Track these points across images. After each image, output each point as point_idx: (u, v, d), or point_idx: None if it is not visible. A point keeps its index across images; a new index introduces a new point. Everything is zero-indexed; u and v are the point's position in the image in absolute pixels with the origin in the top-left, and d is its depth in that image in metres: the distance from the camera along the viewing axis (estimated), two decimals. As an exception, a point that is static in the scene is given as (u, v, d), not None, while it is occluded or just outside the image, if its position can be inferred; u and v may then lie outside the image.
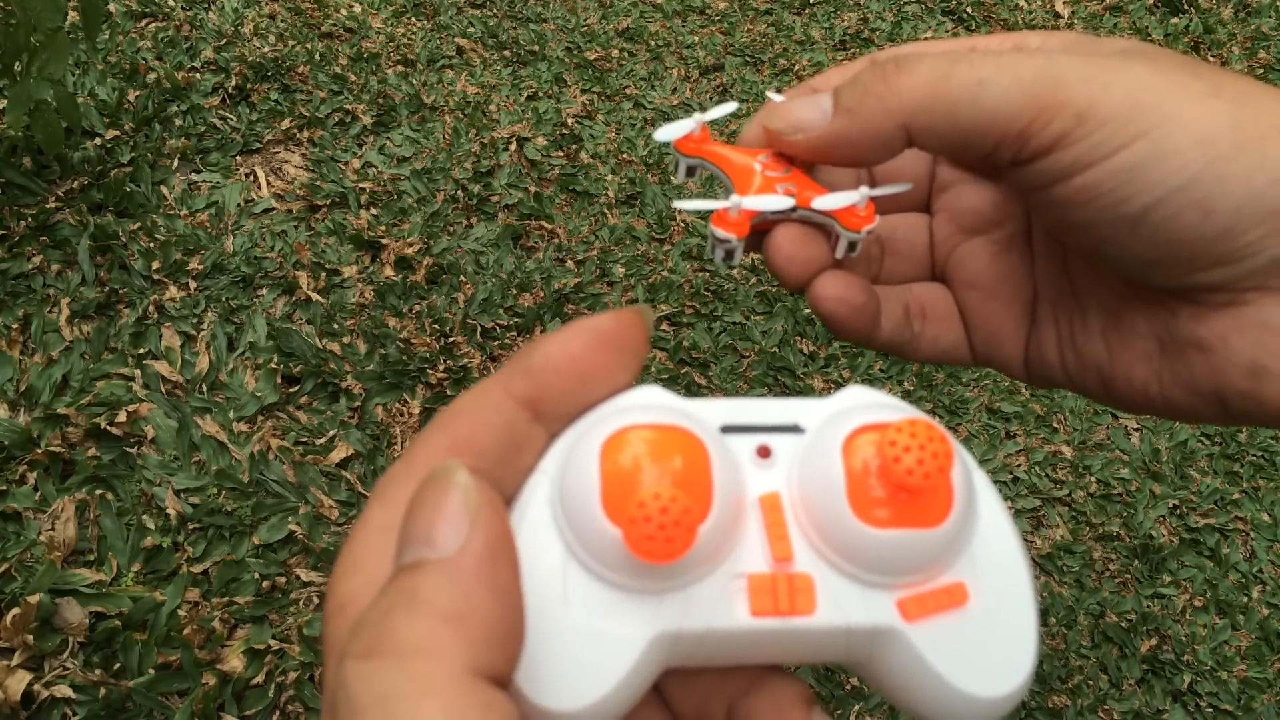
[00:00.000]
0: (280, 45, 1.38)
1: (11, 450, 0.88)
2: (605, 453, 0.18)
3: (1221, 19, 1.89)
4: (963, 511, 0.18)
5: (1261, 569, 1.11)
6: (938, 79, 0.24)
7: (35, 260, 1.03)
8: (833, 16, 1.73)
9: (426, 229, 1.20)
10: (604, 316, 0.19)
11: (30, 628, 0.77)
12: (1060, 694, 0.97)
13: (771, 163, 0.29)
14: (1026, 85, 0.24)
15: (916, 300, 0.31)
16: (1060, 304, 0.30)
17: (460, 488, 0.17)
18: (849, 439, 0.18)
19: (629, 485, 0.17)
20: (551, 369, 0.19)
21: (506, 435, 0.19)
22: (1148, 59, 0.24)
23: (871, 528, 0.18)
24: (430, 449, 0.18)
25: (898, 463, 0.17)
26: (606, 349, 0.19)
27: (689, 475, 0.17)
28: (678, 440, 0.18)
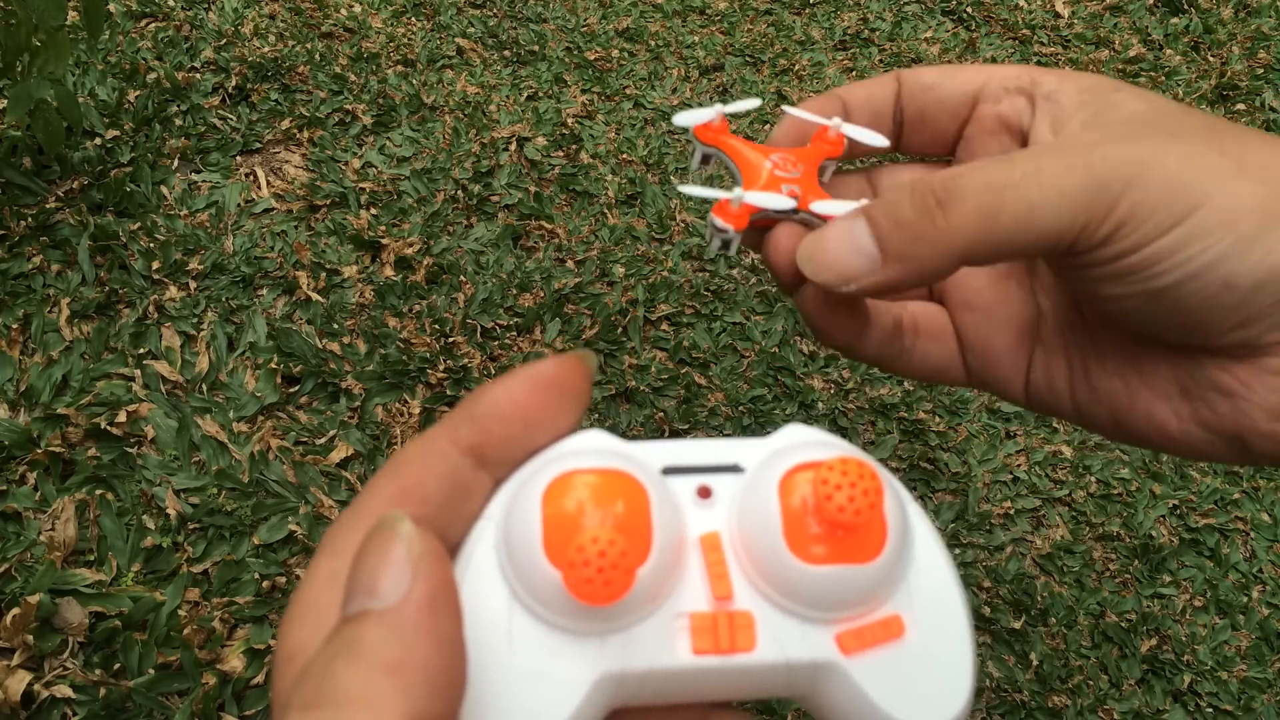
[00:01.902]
0: (280, 45, 1.38)
1: (11, 450, 0.88)
2: (547, 498, 0.18)
3: (1221, 19, 1.89)
4: (897, 546, 0.19)
5: (1261, 569, 1.11)
6: (988, 215, 0.24)
7: (35, 260, 1.03)
8: (833, 16, 1.73)
9: (426, 229, 1.20)
10: (546, 362, 0.20)
11: (30, 628, 0.77)
12: (1060, 694, 0.97)
13: (782, 163, 0.29)
14: (1072, 200, 0.24)
15: (910, 315, 0.31)
16: (1072, 338, 0.29)
17: (403, 538, 0.17)
18: (785, 478, 0.19)
19: (570, 529, 0.17)
20: (495, 416, 0.19)
21: (451, 483, 0.19)
22: (1176, 139, 0.25)
23: (808, 564, 0.18)
24: (377, 498, 0.19)
25: (830, 500, 0.17)
26: (549, 395, 0.20)
27: (629, 518, 0.18)
28: (618, 484, 0.18)
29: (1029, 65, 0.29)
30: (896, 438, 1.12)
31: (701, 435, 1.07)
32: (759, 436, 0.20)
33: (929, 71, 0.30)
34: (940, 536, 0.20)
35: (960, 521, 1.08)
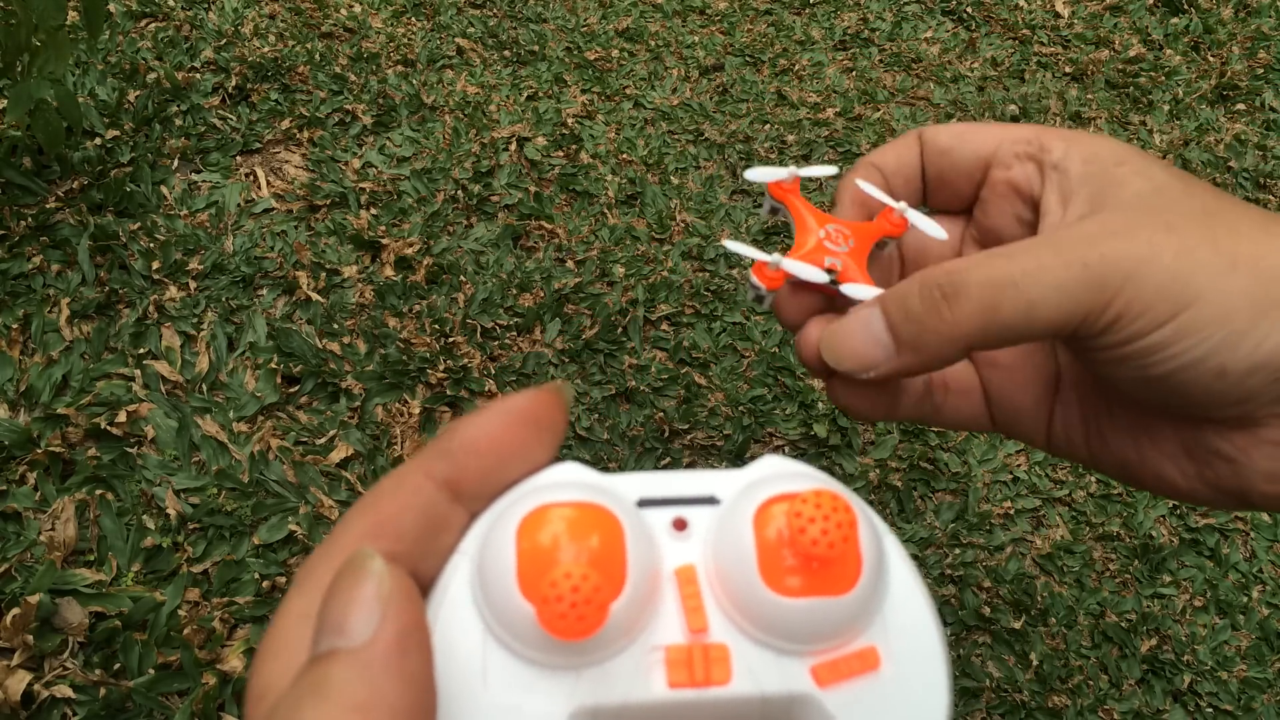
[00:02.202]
0: (280, 45, 1.38)
1: (11, 450, 0.88)
2: (521, 532, 0.18)
3: (1221, 19, 1.89)
4: (872, 578, 0.19)
5: (1261, 569, 1.11)
6: (990, 310, 0.27)
7: (35, 260, 1.03)
8: (833, 16, 1.73)
9: (426, 229, 1.20)
10: (521, 396, 0.20)
11: (30, 628, 0.77)
12: (1060, 694, 0.97)
13: (834, 234, 0.32)
14: (1071, 296, 0.26)
15: (940, 375, 0.33)
16: (1087, 400, 0.32)
17: (373, 575, 0.17)
18: (760, 510, 0.19)
19: (544, 563, 0.17)
20: (470, 450, 0.19)
21: (426, 517, 0.19)
22: (1172, 231, 0.26)
23: (783, 597, 0.18)
24: (351, 533, 0.19)
25: (803, 533, 0.17)
26: (524, 428, 0.20)
27: (604, 552, 0.18)
28: (593, 517, 0.18)
29: (1038, 127, 0.30)
30: (896, 438, 1.12)
31: (690, 452, 1.07)
32: (736, 468, 0.21)
33: (945, 134, 0.32)
34: (915, 567, 0.20)
35: (960, 521, 1.08)
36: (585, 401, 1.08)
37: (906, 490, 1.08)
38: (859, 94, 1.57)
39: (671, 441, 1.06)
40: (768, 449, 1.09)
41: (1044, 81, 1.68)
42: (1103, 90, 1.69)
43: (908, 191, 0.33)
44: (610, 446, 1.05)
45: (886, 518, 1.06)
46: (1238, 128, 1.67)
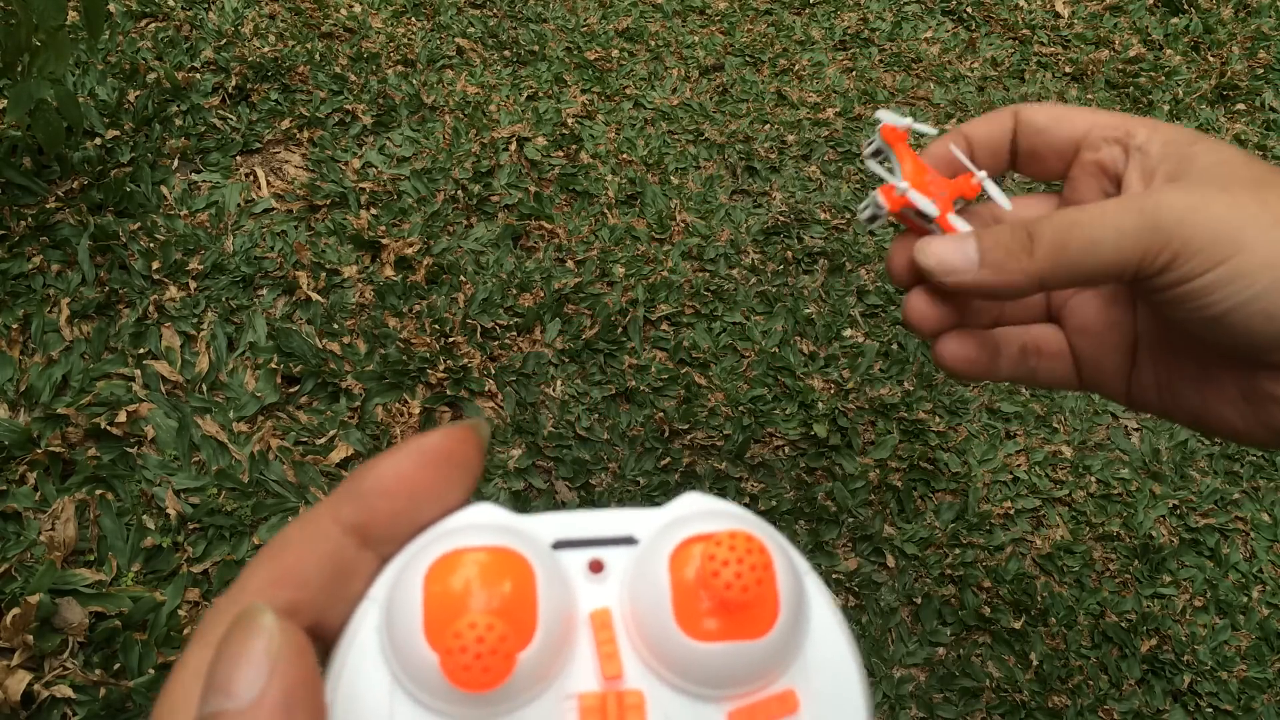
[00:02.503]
0: (280, 45, 1.38)
1: (11, 450, 0.88)
2: (429, 578, 0.17)
3: (1221, 19, 1.89)
4: (789, 620, 0.18)
5: (1261, 569, 1.11)
6: (1059, 247, 0.31)
7: (35, 260, 1.03)
8: (833, 16, 1.73)
9: (426, 229, 1.20)
10: (435, 434, 0.19)
11: (30, 628, 0.77)
12: (1060, 694, 0.97)
13: (935, 181, 0.36)
14: (1131, 237, 0.30)
15: (1033, 340, 0.37)
16: (1159, 356, 0.36)
17: (263, 631, 0.16)
18: (676, 551, 0.18)
19: (451, 611, 0.17)
20: (380, 492, 0.19)
21: (333, 564, 0.18)
22: (1227, 191, 0.30)
23: (698, 641, 0.18)
24: (255, 582, 0.18)
25: (717, 576, 0.17)
26: (437, 469, 0.19)
27: (514, 598, 0.17)
28: (504, 562, 0.18)
29: (1126, 115, 0.35)
30: (896, 438, 1.12)
31: (690, 452, 1.07)
32: (655, 506, 0.20)
33: (1042, 114, 0.36)
34: (838, 605, 0.20)
35: (960, 521, 1.07)
36: (585, 401, 1.08)
37: (906, 490, 1.08)
38: (859, 94, 1.57)
39: (671, 441, 1.06)
40: (767, 448, 1.09)
41: (1044, 81, 1.68)
42: (1103, 90, 1.69)
43: (993, 162, 0.37)
44: (610, 446, 1.05)
45: (886, 517, 1.06)
46: (1238, 128, 1.67)
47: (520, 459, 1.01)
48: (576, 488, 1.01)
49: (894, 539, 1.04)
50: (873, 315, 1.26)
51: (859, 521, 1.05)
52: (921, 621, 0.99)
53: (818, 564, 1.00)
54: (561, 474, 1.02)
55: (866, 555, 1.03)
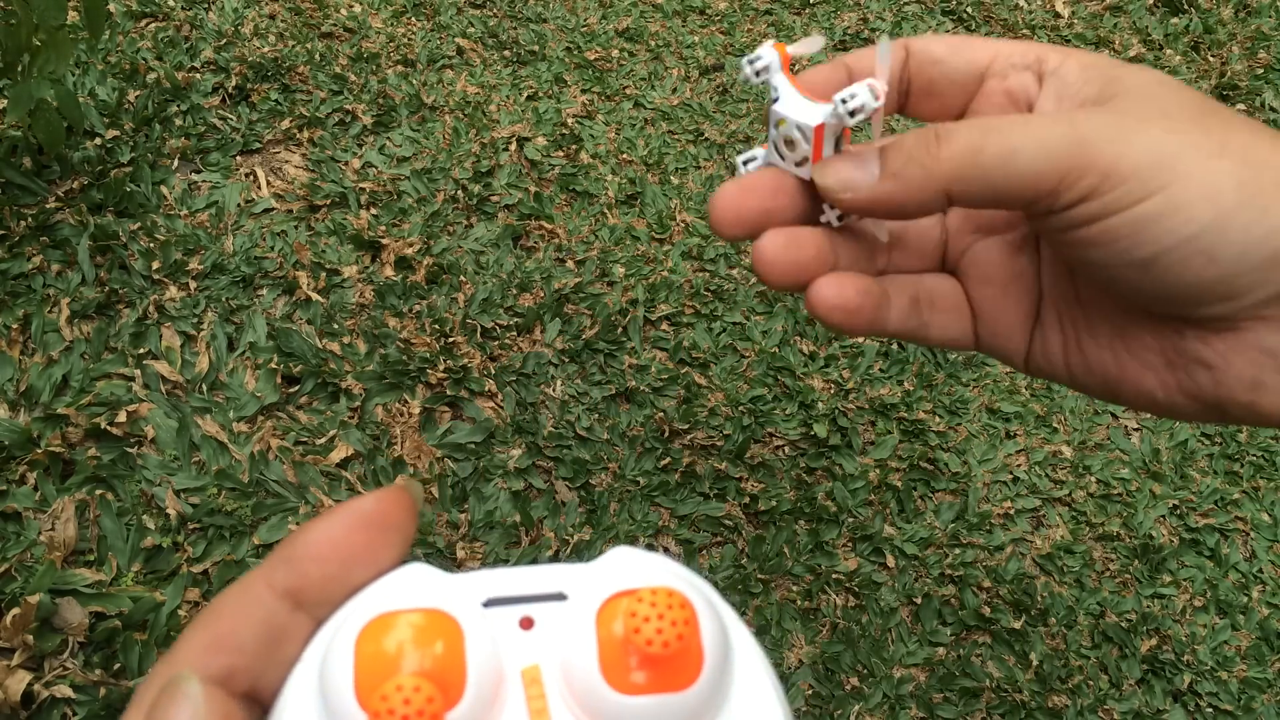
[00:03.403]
0: (280, 45, 1.38)
1: (11, 450, 0.88)
2: (360, 641, 0.18)
3: (1221, 19, 1.89)
4: (714, 672, 0.19)
5: (1261, 569, 1.11)
6: (974, 150, 0.27)
7: (35, 260, 1.03)
8: (833, 16, 1.73)
9: (426, 229, 1.20)
10: (367, 498, 0.20)
11: (30, 628, 0.77)
12: (1060, 694, 0.97)
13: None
14: (1054, 150, 0.26)
15: (926, 291, 0.33)
16: (1066, 312, 0.31)
17: (189, 699, 0.17)
18: (602, 607, 0.19)
19: (382, 673, 0.17)
20: (311, 556, 0.19)
21: (266, 629, 0.19)
22: (1166, 117, 0.26)
23: (624, 695, 0.18)
24: (190, 647, 0.18)
25: (638, 633, 0.17)
26: (370, 531, 0.19)
27: (444, 659, 0.18)
28: (433, 623, 0.18)
29: (1035, 43, 0.30)
30: (896, 438, 1.12)
31: (690, 452, 1.07)
32: (584, 562, 0.20)
33: (938, 45, 0.31)
34: (766, 655, 0.20)
35: (960, 521, 1.08)
36: (585, 401, 1.08)
37: (906, 490, 1.08)
38: (859, 94, 1.57)
39: (671, 441, 1.06)
40: (767, 447, 1.09)
41: (1044, 81, 1.68)
42: (1103, 90, 1.69)
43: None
44: (610, 446, 1.05)
45: (886, 517, 1.06)
46: (1238, 128, 1.67)
47: (520, 459, 1.01)
48: (576, 488, 1.01)
49: (894, 539, 1.04)
50: (873, 315, 1.26)
51: (859, 521, 1.05)
52: (921, 621, 0.99)
53: (818, 564, 1.00)
54: (561, 474, 1.02)
55: (866, 555, 1.03)
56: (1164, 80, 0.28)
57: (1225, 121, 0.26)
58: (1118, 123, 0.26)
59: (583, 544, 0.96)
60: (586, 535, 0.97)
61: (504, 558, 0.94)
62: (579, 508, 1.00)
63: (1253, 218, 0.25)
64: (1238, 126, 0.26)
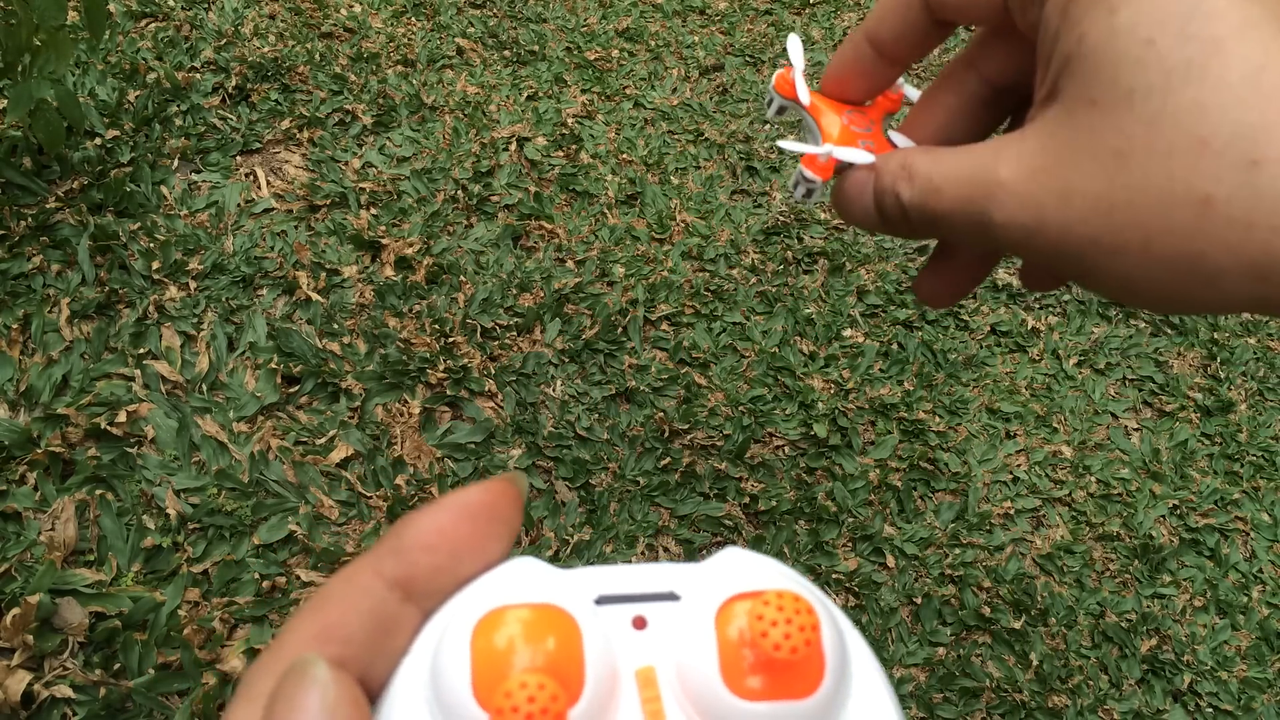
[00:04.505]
0: (280, 45, 1.38)
1: (11, 450, 0.88)
2: (476, 636, 0.17)
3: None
4: (835, 680, 0.18)
5: (1261, 569, 1.11)
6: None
7: (35, 260, 1.03)
8: (833, 16, 1.73)
9: (426, 229, 1.20)
10: (475, 488, 0.19)
11: (30, 628, 0.77)
12: (1060, 694, 0.97)
13: (856, 118, 0.32)
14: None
15: None
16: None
17: (318, 684, 0.16)
18: (722, 609, 0.18)
19: (500, 669, 0.17)
20: (421, 546, 0.19)
21: (376, 619, 0.18)
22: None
23: (744, 700, 0.18)
24: (298, 637, 0.18)
25: (765, 637, 0.17)
26: (477, 522, 0.19)
27: (561, 656, 0.17)
28: (550, 619, 0.18)
29: None
30: (896, 438, 1.12)
31: (690, 452, 1.07)
32: (696, 562, 0.20)
33: None
34: (882, 665, 0.20)
35: (960, 521, 1.07)
36: (585, 401, 1.08)
37: (906, 490, 1.08)
38: (859, 94, 1.57)
39: (671, 441, 1.06)
40: (767, 448, 1.09)
41: (1044, 81, 1.68)
42: (1103, 90, 1.69)
43: (917, 49, 0.31)
44: (610, 446, 1.05)
45: (886, 517, 1.06)
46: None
47: (520, 459, 1.01)
48: (576, 488, 1.01)
49: (894, 539, 1.04)
50: (873, 315, 1.26)
51: (859, 521, 1.05)
52: (921, 621, 0.99)
53: (818, 564, 1.00)
54: (561, 474, 1.02)
55: (866, 555, 1.03)
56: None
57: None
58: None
59: (583, 544, 0.96)
60: (586, 535, 0.97)
61: (504, 558, 0.94)
62: (579, 508, 1.00)
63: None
64: None
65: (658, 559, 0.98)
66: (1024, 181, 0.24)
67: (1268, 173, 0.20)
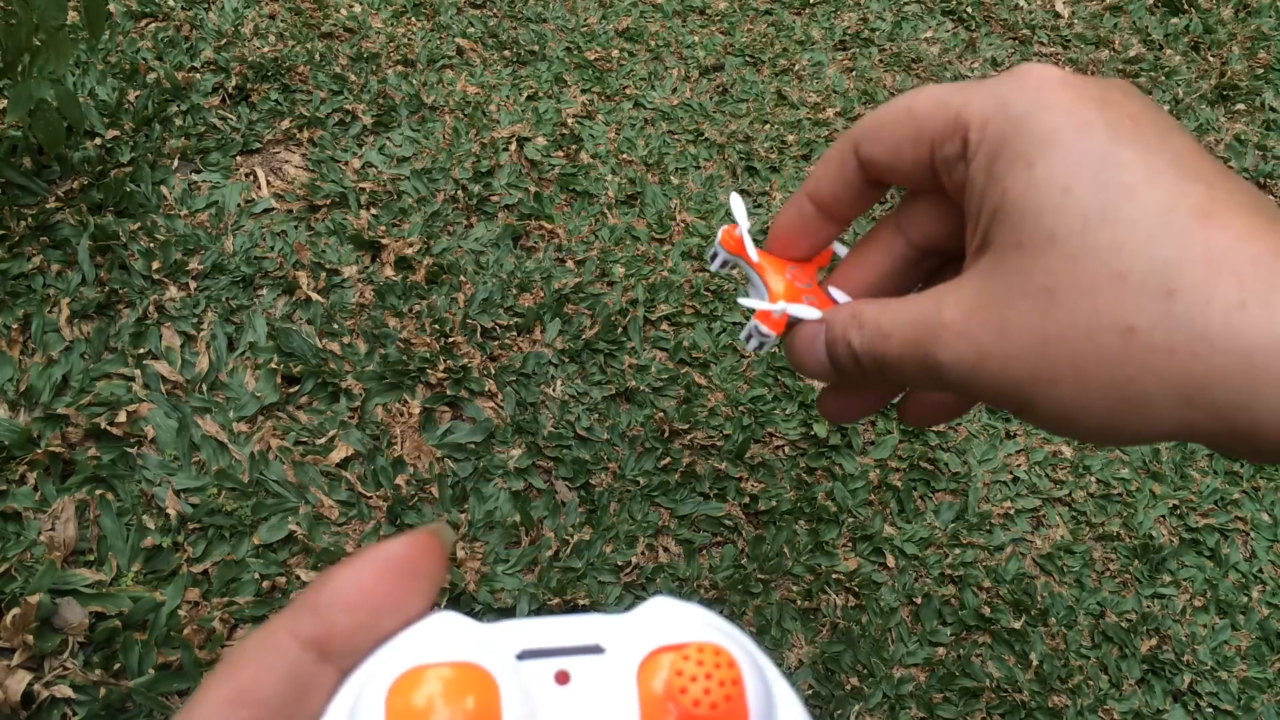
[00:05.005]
0: (280, 45, 1.38)
1: (11, 450, 0.88)
2: (392, 696, 0.17)
3: (1221, 19, 1.89)
4: None
5: (1261, 569, 1.11)
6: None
7: (35, 260, 1.03)
8: (833, 16, 1.73)
9: (426, 229, 1.20)
10: (396, 543, 0.19)
11: (30, 628, 0.77)
12: (1060, 694, 0.97)
13: (798, 274, 0.35)
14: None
15: None
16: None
17: None
18: (644, 662, 0.18)
19: None
20: (339, 605, 0.18)
21: (291, 681, 0.18)
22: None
23: None
24: (211, 700, 0.18)
25: (684, 693, 0.17)
26: (398, 578, 0.19)
27: (479, 715, 0.17)
28: (469, 678, 0.17)
29: (956, 94, 0.29)
30: (896, 438, 1.12)
31: (690, 452, 1.07)
32: (621, 613, 0.20)
33: (878, 144, 0.31)
34: (807, 710, 0.19)
35: (960, 521, 1.08)
36: (585, 401, 1.08)
37: (906, 490, 1.08)
38: (859, 94, 1.57)
39: (671, 441, 1.06)
40: (767, 448, 1.09)
41: (1044, 81, 1.68)
42: (1103, 90, 1.69)
43: (856, 207, 0.33)
44: (610, 446, 1.05)
45: (886, 517, 1.06)
46: (1238, 128, 1.67)
47: (520, 459, 1.01)
48: (576, 488, 1.01)
49: (894, 539, 1.04)
50: (873, 315, 1.26)
51: (859, 521, 1.05)
52: (921, 621, 0.99)
53: (818, 564, 1.00)
54: (561, 474, 1.02)
55: (866, 555, 1.03)
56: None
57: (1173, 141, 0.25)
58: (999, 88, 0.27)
59: (583, 544, 0.96)
60: (586, 535, 0.97)
61: (504, 558, 0.94)
62: (579, 508, 1.00)
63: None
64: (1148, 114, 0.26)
65: (658, 559, 0.98)
66: (965, 321, 0.26)
67: (1183, 301, 0.22)
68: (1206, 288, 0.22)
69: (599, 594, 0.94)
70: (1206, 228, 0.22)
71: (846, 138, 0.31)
